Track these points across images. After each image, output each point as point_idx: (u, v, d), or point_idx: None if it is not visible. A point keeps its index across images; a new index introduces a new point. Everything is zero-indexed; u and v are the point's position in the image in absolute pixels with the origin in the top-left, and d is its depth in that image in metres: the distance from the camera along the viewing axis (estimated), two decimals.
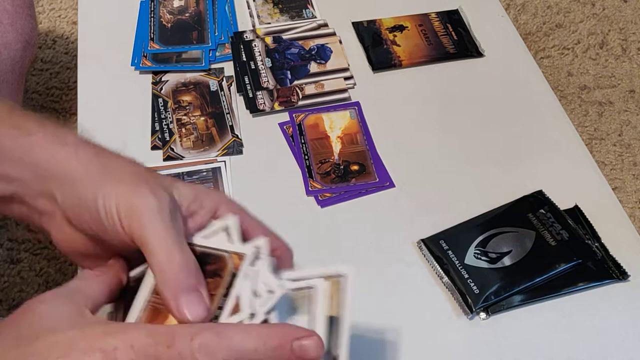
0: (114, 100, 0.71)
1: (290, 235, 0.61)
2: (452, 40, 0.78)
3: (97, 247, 0.40)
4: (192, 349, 0.32)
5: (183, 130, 0.69)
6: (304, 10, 0.81)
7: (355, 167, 0.66)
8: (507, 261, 0.58)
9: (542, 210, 0.61)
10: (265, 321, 0.35)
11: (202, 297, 0.36)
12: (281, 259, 0.43)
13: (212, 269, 0.37)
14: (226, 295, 0.36)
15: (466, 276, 0.57)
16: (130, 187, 0.38)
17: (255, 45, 0.76)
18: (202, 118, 0.70)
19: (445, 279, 0.58)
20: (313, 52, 0.76)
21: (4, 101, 0.43)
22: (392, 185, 0.65)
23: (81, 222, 0.39)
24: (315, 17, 0.80)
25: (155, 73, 0.74)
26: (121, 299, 0.39)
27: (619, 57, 1.43)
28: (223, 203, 0.42)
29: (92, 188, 0.38)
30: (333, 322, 0.38)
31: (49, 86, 1.29)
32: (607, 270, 0.59)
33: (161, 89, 0.72)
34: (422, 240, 0.60)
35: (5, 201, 0.41)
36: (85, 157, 0.39)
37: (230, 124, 0.69)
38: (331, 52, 0.76)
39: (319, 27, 0.79)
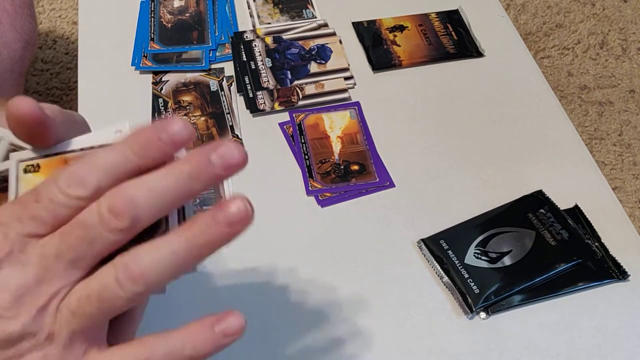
0: (115, 100, 0.72)
1: (290, 235, 0.61)
2: (452, 40, 0.78)
3: None
4: (60, 187, 0.29)
5: None
6: (304, 10, 0.81)
7: (356, 167, 0.66)
8: (507, 261, 0.58)
9: (542, 210, 0.61)
10: None
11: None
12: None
13: None
14: None
15: (466, 276, 0.57)
16: None
17: (255, 45, 0.76)
18: (203, 118, 0.70)
19: (445, 278, 0.58)
20: (313, 52, 0.76)
21: None
22: (392, 185, 0.65)
23: None
24: (315, 17, 0.80)
25: (155, 73, 0.74)
26: None
27: (619, 57, 1.43)
28: None
29: None
30: None
31: (49, 86, 1.29)
32: (607, 270, 0.59)
33: (161, 89, 0.72)
34: (422, 240, 0.60)
35: None
36: None
37: (231, 124, 0.69)
38: (331, 52, 0.76)
39: (319, 27, 0.79)
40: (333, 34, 0.78)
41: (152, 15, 0.79)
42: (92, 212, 0.29)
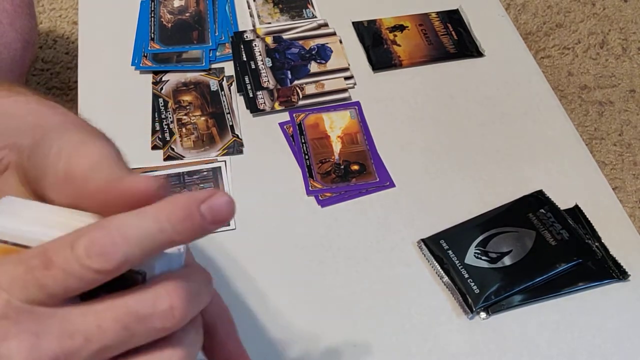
0: (115, 100, 0.72)
1: (290, 235, 0.61)
2: (452, 40, 0.78)
3: None
4: (78, 256, 0.24)
5: (183, 130, 0.69)
6: (304, 10, 0.81)
7: (356, 167, 0.66)
8: (507, 261, 0.58)
9: (542, 210, 0.61)
10: None
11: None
12: None
13: None
14: None
15: (466, 276, 0.57)
16: (81, 134, 0.32)
17: (255, 45, 0.76)
18: (203, 118, 0.70)
19: (446, 278, 0.58)
20: (313, 52, 0.76)
21: None
22: (392, 185, 0.65)
23: (33, 174, 0.32)
24: (316, 17, 0.80)
25: (155, 73, 0.74)
26: None
27: (619, 56, 1.43)
28: None
29: (50, 136, 0.32)
30: None
31: (49, 86, 1.29)
32: (607, 270, 0.59)
33: (161, 88, 0.72)
34: (422, 240, 0.60)
35: None
36: (61, 114, 0.35)
37: (231, 123, 0.69)
38: (331, 52, 0.76)
39: (319, 27, 0.79)
40: (333, 34, 0.78)
41: (152, 15, 0.79)
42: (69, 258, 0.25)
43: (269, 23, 0.80)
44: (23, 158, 0.33)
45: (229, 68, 0.75)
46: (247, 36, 0.78)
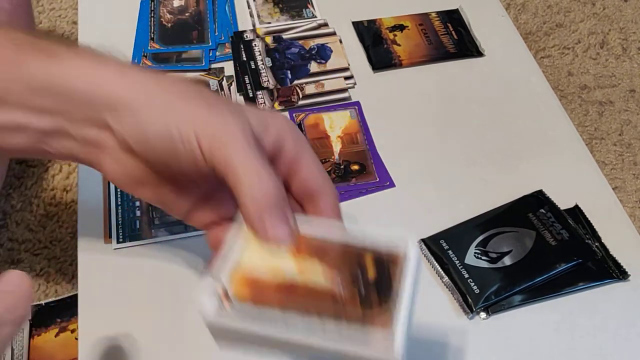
0: None
1: None
2: (453, 39, 0.78)
3: (158, 175, 0.39)
4: None
5: None
6: (304, 10, 0.81)
7: (356, 167, 0.66)
8: (507, 261, 0.58)
9: (542, 210, 0.61)
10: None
11: (287, 218, 0.36)
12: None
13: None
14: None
15: (466, 276, 0.57)
16: (208, 111, 0.36)
17: (255, 44, 0.76)
18: None
19: (446, 278, 0.58)
20: (313, 52, 0.76)
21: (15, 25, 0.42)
22: (392, 185, 0.65)
23: (147, 150, 0.37)
24: (316, 17, 0.80)
25: None
26: None
27: (619, 56, 1.43)
28: (288, 132, 0.40)
29: (159, 114, 0.36)
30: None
31: None
32: (607, 270, 0.59)
33: None
34: (422, 240, 0.60)
35: (48, 136, 0.38)
36: (136, 79, 0.38)
37: None
38: (331, 51, 0.76)
39: (319, 26, 0.79)
40: (333, 34, 0.78)
41: (152, 14, 0.79)
42: None
43: (269, 23, 0.80)
44: (127, 139, 0.36)
45: (229, 68, 0.75)
46: (247, 36, 0.78)
